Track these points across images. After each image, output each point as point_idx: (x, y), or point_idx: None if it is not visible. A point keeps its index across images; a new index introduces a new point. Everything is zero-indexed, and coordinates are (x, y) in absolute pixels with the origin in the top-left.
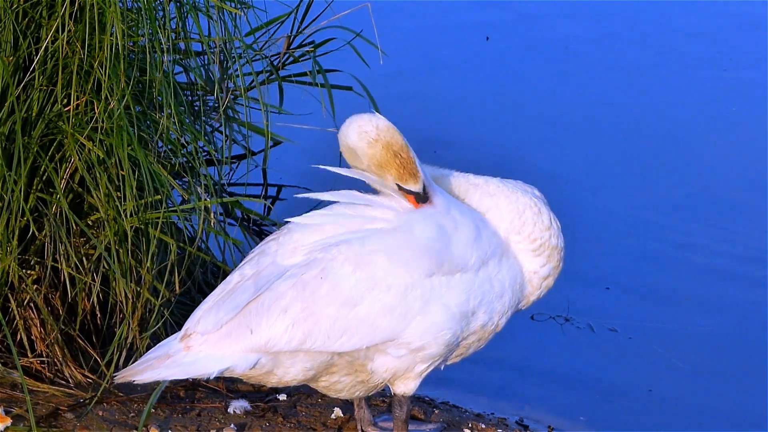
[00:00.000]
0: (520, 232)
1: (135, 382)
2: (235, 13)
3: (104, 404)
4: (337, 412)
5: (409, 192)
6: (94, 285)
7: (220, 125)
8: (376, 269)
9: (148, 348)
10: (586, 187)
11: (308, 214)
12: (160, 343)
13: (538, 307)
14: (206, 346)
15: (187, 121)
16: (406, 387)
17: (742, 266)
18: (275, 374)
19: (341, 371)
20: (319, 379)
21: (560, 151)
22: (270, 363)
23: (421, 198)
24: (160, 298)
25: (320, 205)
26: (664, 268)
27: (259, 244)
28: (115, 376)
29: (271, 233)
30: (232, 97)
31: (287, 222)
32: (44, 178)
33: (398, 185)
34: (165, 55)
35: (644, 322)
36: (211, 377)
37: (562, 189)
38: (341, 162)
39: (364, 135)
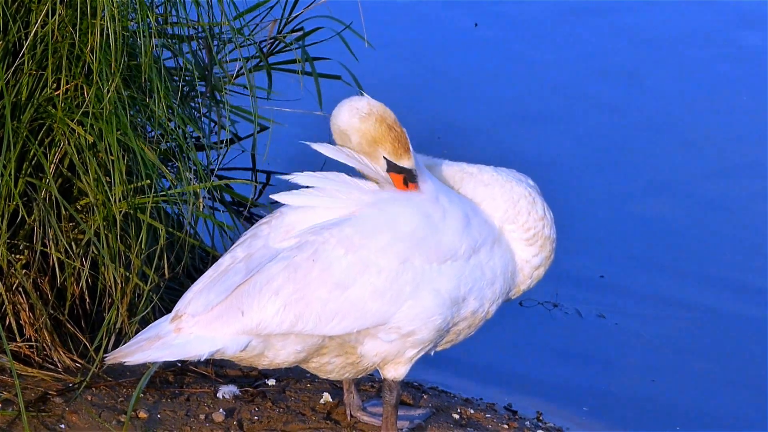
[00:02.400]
0: (515, 222)
1: (125, 364)
2: None
3: (93, 389)
4: (326, 397)
5: (401, 170)
6: (83, 270)
7: (209, 110)
8: (367, 252)
9: (138, 333)
10: (580, 175)
11: (297, 191)
12: (150, 325)
13: (527, 293)
14: (197, 327)
15: (176, 105)
16: (396, 372)
17: (739, 257)
18: (266, 356)
19: (332, 353)
20: (310, 360)
21: (555, 139)
22: (261, 345)
23: (412, 177)
24: (149, 283)
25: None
26: (657, 258)
27: (251, 228)
28: (106, 357)
29: (262, 217)
30: (221, 82)
31: (276, 201)
32: (33, 162)
33: (390, 162)
34: (154, 39)
35: (632, 309)
36: (202, 359)
37: (556, 177)
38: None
39: (356, 111)
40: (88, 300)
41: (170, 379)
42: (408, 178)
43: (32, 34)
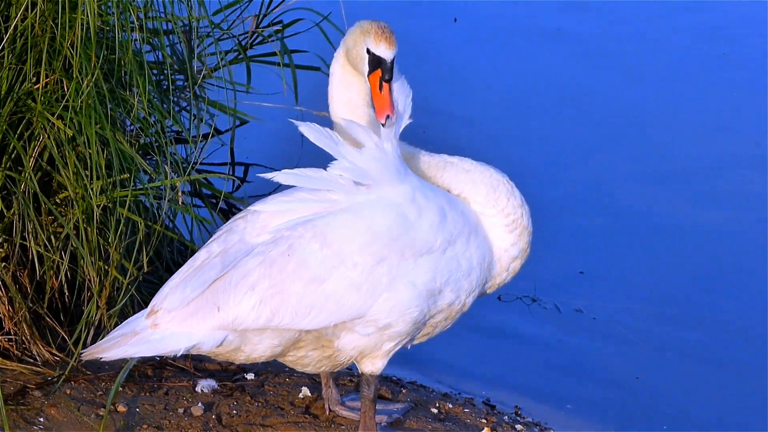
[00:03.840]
0: (495, 206)
1: (102, 359)
2: None
3: (72, 382)
4: (305, 391)
5: (378, 62)
6: (63, 263)
7: (188, 104)
8: (343, 246)
9: (116, 327)
10: (562, 171)
11: (270, 199)
12: (127, 320)
13: (505, 287)
14: (173, 323)
15: (155, 99)
16: (374, 366)
17: (725, 252)
18: (243, 351)
19: (308, 346)
20: (287, 354)
21: (536, 135)
22: (237, 340)
23: (389, 73)
24: (127, 277)
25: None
26: (637, 254)
27: (227, 222)
28: (82, 353)
29: (239, 211)
30: (200, 76)
31: (252, 204)
32: (13, 156)
33: (370, 57)
34: (135, 33)
35: (611, 305)
36: (178, 354)
37: (538, 173)
38: (303, 144)
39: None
40: (67, 293)
41: (149, 373)
42: (384, 76)
43: (12, 28)
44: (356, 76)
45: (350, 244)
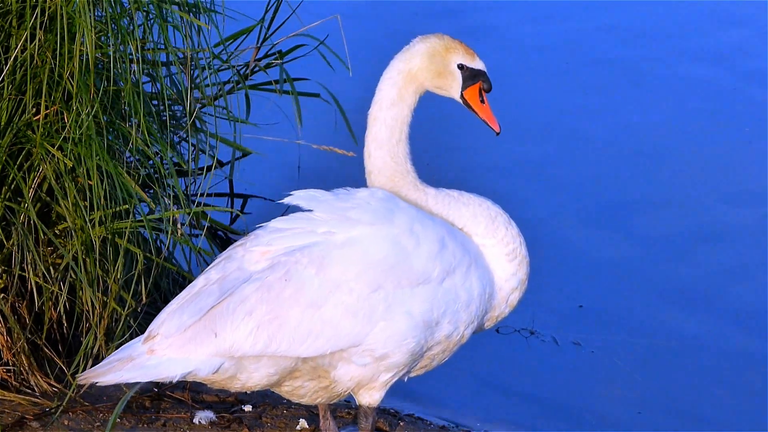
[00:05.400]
0: (495, 236)
1: (98, 384)
2: (203, 26)
3: (70, 413)
4: (303, 423)
5: (476, 75)
6: (61, 294)
7: (188, 135)
8: (338, 272)
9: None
10: (562, 204)
11: (270, 228)
12: (123, 346)
13: (504, 320)
14: (170, 349)
15: (155, 130)
16: (371, 398)
17: (722, 286)
18: (239, 379)
19: (305, 376)
20: (282, 383)
21: (534, 168)
22: (233, 367)
23: (487, 80)
24: (126, 308)
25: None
26: (637, 288)
27: (226, 250)
28: (78, 377)
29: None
30: (199, 106)
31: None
32: (12, 186)
33: (465, 71)
34: (134, 65)
35: (607, 337)
36: (174, 381)
37: (539, 206)
38: (299, 175)
39: (415, 40)
40: (65, 324)
41: (147, 405)
42: (484, 87)
43: (12, 59)
44: (414, 96)
45: (346, 271)
